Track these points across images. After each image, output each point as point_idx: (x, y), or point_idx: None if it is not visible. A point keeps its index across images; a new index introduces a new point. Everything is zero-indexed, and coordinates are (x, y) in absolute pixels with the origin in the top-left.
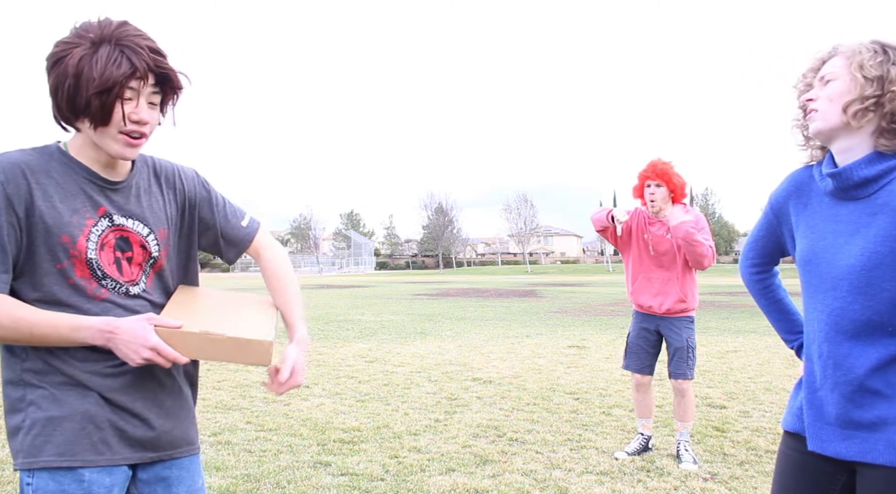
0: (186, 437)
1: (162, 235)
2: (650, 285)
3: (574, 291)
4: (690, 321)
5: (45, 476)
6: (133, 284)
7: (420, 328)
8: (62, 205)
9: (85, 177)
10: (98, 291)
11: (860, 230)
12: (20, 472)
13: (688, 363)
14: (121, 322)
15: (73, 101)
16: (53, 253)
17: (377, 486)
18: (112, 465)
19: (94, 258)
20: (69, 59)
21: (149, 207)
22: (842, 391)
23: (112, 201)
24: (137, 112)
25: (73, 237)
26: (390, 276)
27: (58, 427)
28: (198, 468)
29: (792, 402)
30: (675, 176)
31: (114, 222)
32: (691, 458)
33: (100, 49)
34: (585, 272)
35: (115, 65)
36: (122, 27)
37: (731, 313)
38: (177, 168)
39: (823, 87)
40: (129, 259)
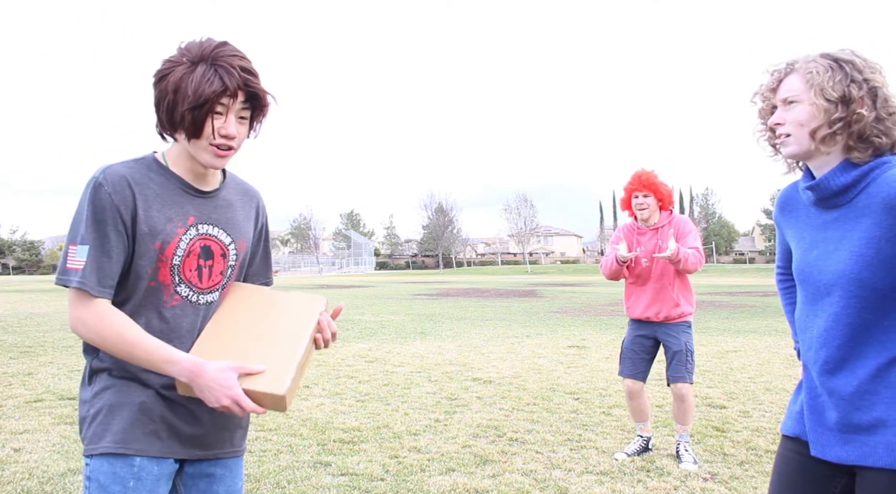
0: (233, 438)
1: (241, 246)
2: (644, 296)
3: (574, 291)
4: (688, 325)
5: (102, 460)
6: (208, 291)
7: (420, 328)
8: (159, 214)
9: (179, 187)
10: (172, 296)
11: (846, 236)
12: (84, 458)
13: (686, 366)
14: (208, 367)
15: (171, 114)
16: (146, 258)
17: (377, 486)
18: (161, 456)
19: (178, 264)
20: (171, 76)
21: (233, 218)
22: (841, 394)
23: (201, 210)
24: (226, 127)
25: (164, 244)
26: (390, 276)
27: (116, 415)
28: (240, 470)
29: (791, 407)
30: (662, 185)
31: (200, 231)
32: (691, 458)
33: (197, 67)
34: (585, 272)
35: (208, 83)
36: (220, 47)
37: (731, 313)
38: (259, 194)
39: (788, 109)
40: (210, 267)
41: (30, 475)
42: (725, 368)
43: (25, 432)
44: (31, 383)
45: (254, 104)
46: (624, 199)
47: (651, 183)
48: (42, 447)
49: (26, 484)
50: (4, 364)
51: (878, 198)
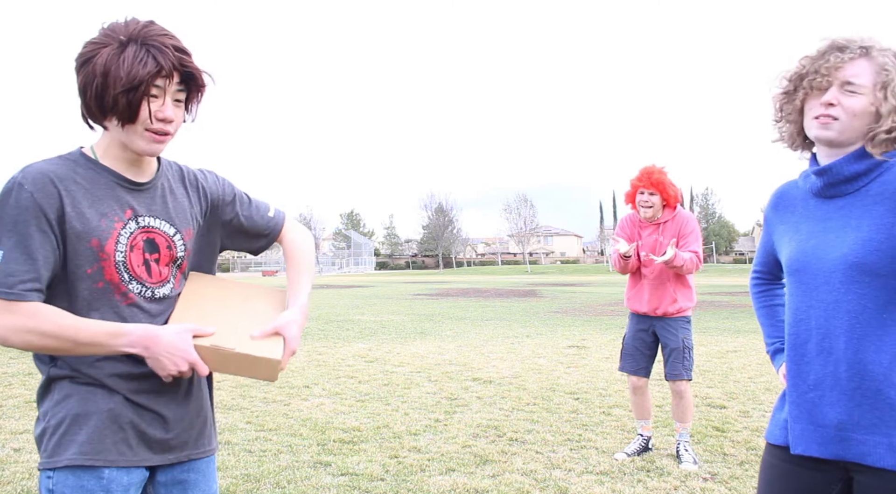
0: (203, 438)
1: (188, 235)
2: (643, 291)
3: (574, 291)
4: (687, 321)
5: (66, 473)
6: (160, 285)
7: (420, 328)
8: (90, 210)
9: (112, 180)
10: (126, 294)
11: (850, 223)
12: (41, 472)
13: (683, 363)
14: (162, 332)
15: (101, 99)
16: (84, 258)
17: (377, 486)
18: (131, 466)
19: (123, 261)
20: (97, 58)
21: (174, 207)
22: (843, 388)
23: (139, 203)
24: (163, 110)
25: (102, 241)
26: (390, 276)
27: (83, 425)
28: (213, 471)
29: (778, 414)
30: (669, 185)
31: (140, 224)
32: (691, 458)
33: (127, 48)
34: (585, 272)
35: (141, 63)
36: (149, 27)
37: (731, 313)
38: (200, 171)
39: (847, 95)
40: (156, 260)
41: (30, 475)
42: (725, 368)
43: (25, 432)
44: (31, 383)
45: (189, 85)
46: (629, 193)
47: (659, 182)
48: None
49: (26, 484)
50: (4, 364)
51: (894, 185)
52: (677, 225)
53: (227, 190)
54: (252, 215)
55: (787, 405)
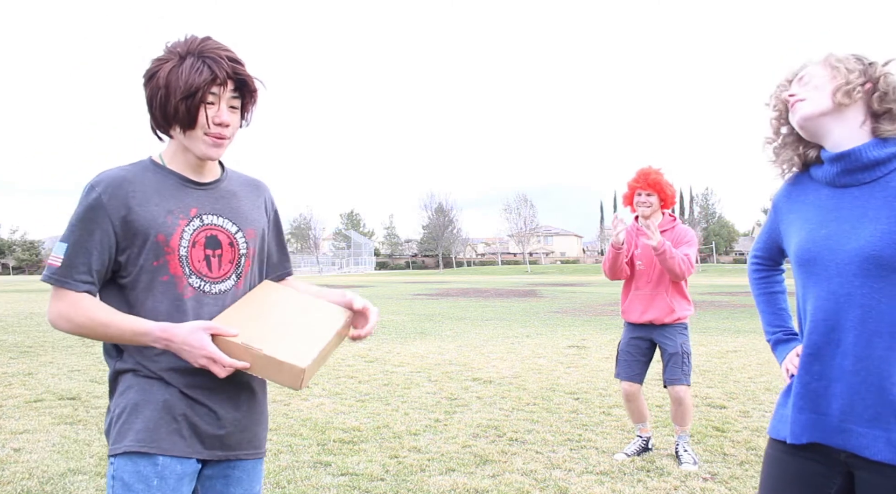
0: (255, 439)
1: (250, 234)
2: (639, 301)
3: (574, 291)
4: (684, 327)
5: (125, 459)
6: (220, 281)
7: (420, 328)
8: (157, 207)
9: (178, 181)
10: (186, 288)
11: (868, 214)
12: (109, 459)
13: (682, 369)
14: (177, 330)
15: (164, 109)
16: (151, 252)
17: (377, 486)
18: (184, 456)
19: (185, 255)
20: (160, 72)
21: (238, 207)
22: (847, 381)
23: (202, 202)
24: (219, 115)
25: (168, 236)
26: (390, 276)
27: (140, 414)
28: (259, 473)
29: (781, 410)
30: (667, 185)
31: (204, 222)
32: (691, 458)
33: (185, 61)
34: (585, 272)
35: (197, 72)
36: (205, 41)
37: (731, 313)
38: (266, 186)
39: (803, 84)
40: (219, 257)
41: (30, 475)
42: (725, 368)
43: (25, 432)
44: (31, 383)
45: (243, 92)
46: (627, 195)
47: (656, 182)
48: (42, 447)
49: (26, 484)
50: (4, 364)
51: None
52: (675, 236)
53: (276, 212)
54: (281, 249)
55: (790, 401)
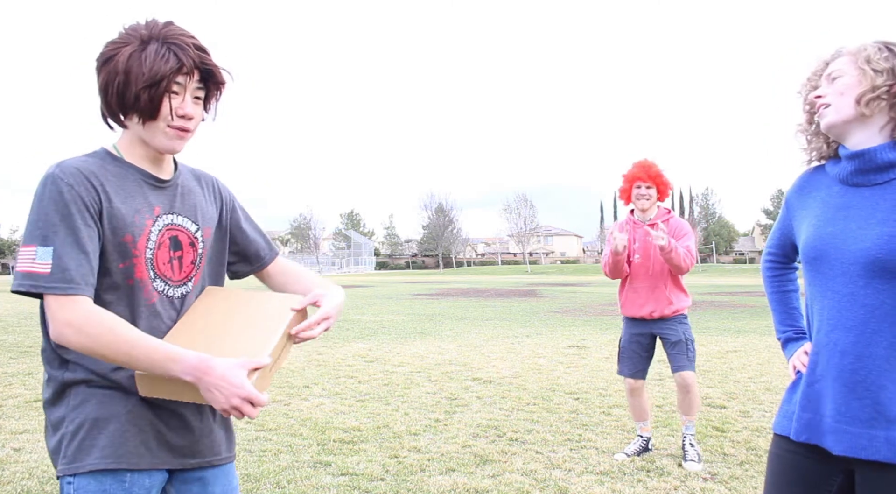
0: (224, 444)
1: (207, 233)
2: (637, 296)
3: (574, 291)
4: (684, 317)
5: (87, 478)
6: (181, 284)
7: (420, 328)
8: (124, 206)
9: (139, 177)
10: (151, 293)
11: (876, 215)
12: (61, 479)
13: (687, 355)
14: (216, 363)
15: (122, 96)
16: (118, 253)
17: (377, 486)
18: (152, 469)
19: (151, 258)
20: (118, 57)
21: (194, 205)
22: (845, 381)
23: (164, 200)
24: (183, 107)
25: (135, 237)
26: (390, 276)
27: (103, 430)
28: (233, 473)
29: (786, 406)
30: (664, 177)
31: (167, 222)
32: (696, 455)
33: (148, 46)
34: (585, 272)
35: (163, 60)
36: (168, 26)
37: (732, 313)
38: (214, 177)
39: (831, 84)
40: (180, 259)
41: (30, 475)
42: (725, 368)
43: (25, 432)
44: (31, 383)
45: (208, 83)
46: (624, 188)
47: (655, 174)
48: (42, 447)
49: (26, 484)
50: (4, 364)
51: None
52: (672, 227)
53: (236, 199)
54: (255, 234)
55: (795, 397)
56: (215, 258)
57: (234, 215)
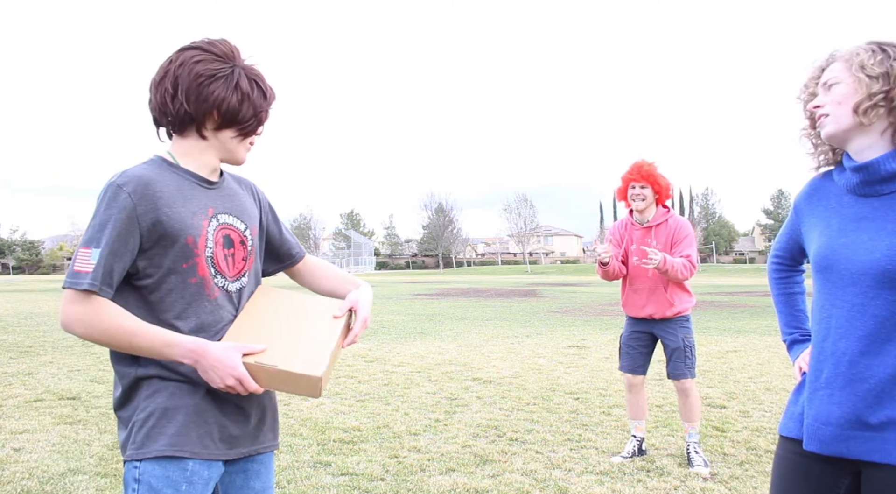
0: (274, 431)
1: (254, 231)
2: (638, 296)
3: (574, 291)
4: (685, 319)
5: (153, 463)
6: (236, 279)
7: (420, 328)
8: (183, 209)
9: (193, 181)
10: (213, 289)
11: (886, 227)
12: (127, 463)
13: (686, 362)
14: (211, 346)
15: (236, 114)
16: (181, 254)
17: (377, 486)
18: (212, 459)
19: (210, 256)
20: (237, 79)
21: (242, 205)
22: (854, 389)
23: (216, 201)
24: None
25: (195, 238)
26: (390, 276)
27: (172, 419)
28: (272, 464)
29: (792, 407)
30: (660, 177)
31: (220, 221)
32: (702, 461)
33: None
34: (585, 272)
35: (271, 92)
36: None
37: (732, 313)
38: (251, 181)
39: (828, 92)
40: (232, 255)
41: (30, 475)
42: (725, 368)
43: (25, 432)
44: (31, 383)
45: None
46: (620, 189)
47: (649, 174)
48: (42, 447)
49: (26, 484)
50: (4, 364)
51: None
52: (670, 230)
53: (269, 202)
54: (286, 235)
55: (801, 399)
56: (258, 256)
57: (269, 216)
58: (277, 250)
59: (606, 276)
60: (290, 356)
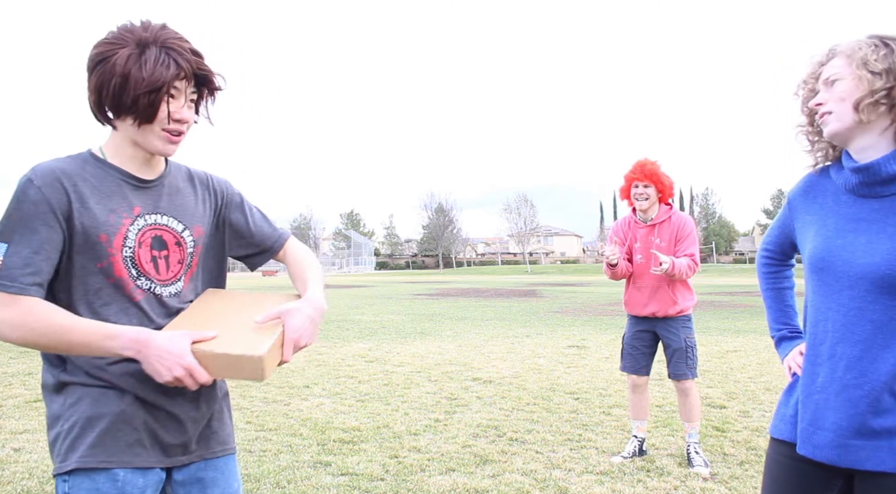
0: (220, 436)
1: (197, 232)
2: (641, 295)
3: (574, 291)
4: (687, 319)
5: (81, 476)
6: (170, 283)
7: (420, 328)
8: (98, 205)
9: (119, 178)
10: (134, 291)
11: (886, 230)
12: (56, 477)
13: (687, 363)
14: (156, 335)
15: (118, 99)
16: (94, 252)
17: (377, 486)
18: (146, 467)
19: (131, 256)
20: (116, 58)
21: (182, 204)
22: (849, 395)
23: (146, 200)
24: (180, 111)
25: (110, 236)
26: (390, 276)
27: (94, 427)
28: (234, 470)
29: (783, 409)
30: (664, 176)
31: (148, 222)
32: (702, 461)
33: (146, 50)
34: (585, 272)
35: (163, 66)
36: (165, 30)
37: (732, 313)
38: (209, 174)
39: (830, 88)
40: (165, 257)
41: (30, 475)
42: (725, 368)
43: (25, 432)
44: (31, 383)
45: (201, 88)
46: (623, 188)
47: (652, 173)
48: (42, 447)
49: (26, 484)
50: (4, 364)
51: None
52: (673, 227)
53: (235, 193)
54: (259, 222)
55: (792, 401)
56: (212, 256)
57: (233, 208)
58: (249, 240)
59: (615, 276)
60: (230, 342)
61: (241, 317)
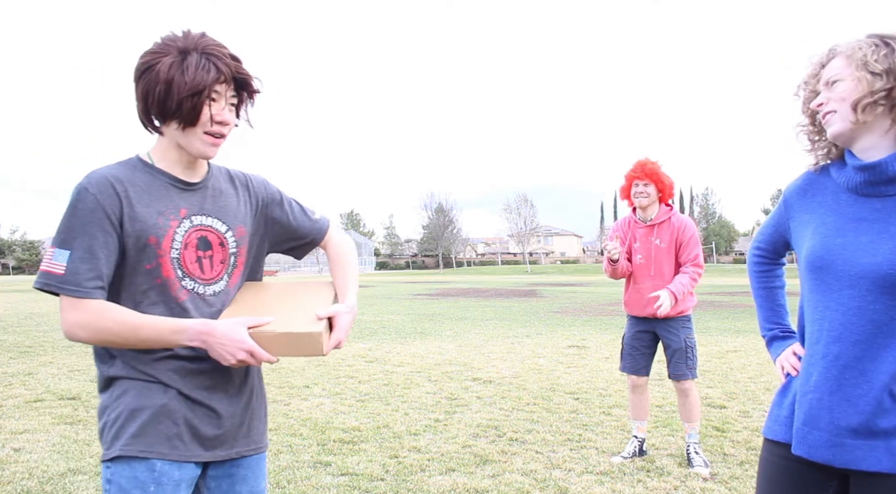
0: (255, 435)
1: (240, 232)
2: (641, 296)
3: (574, 291)
4: (687, 319)
5: (122, 464)
6: (213, 282)
7: (420, 328)
8: (148, 209)
9: (167, 182)
10: (180, 291)
11: (889, 229)
12: (102, 463)
13: (687, 363)
14: (217, 325)
15: (163, 104)
16: (143, 254)
17: (377, 486)
18: (183, 461)
19: (177, 258)
20: (159, 66)
21: (226, 206)
22: (845, 394)
23: (192, 202)
24: (221, 114)
25: (159, 238)
26: (390, 276)
27: (137, 419)
28: (263, 469)
29: (777, 410)
30: (664, 175)
31: (194, 223)
32: (702, 461)
33: (188, 57)
34: (585, 272)
35: (204, 71)
36: (204, 38)
37: (731, 313)
38: (247, 173)
39: (831, 89)
40: (210, 258)
41: (30, 475)
42: (725, 368)
43: (25, 432)
44: (31, 383)
45: (240, 92)
46: (624, 187)
47: (653, 172)
48: (42, 447)
49: (26, 484)
50: (4, 364)
51: None
52: (674, 228)
53: (273, 191)
54: (298, 217)
55: (786, 401)
56: (253, 254)
57: (274, 206)
58: (292, 235)
59: (615, 274)
60: (288, 322)
61: (289, 303)
